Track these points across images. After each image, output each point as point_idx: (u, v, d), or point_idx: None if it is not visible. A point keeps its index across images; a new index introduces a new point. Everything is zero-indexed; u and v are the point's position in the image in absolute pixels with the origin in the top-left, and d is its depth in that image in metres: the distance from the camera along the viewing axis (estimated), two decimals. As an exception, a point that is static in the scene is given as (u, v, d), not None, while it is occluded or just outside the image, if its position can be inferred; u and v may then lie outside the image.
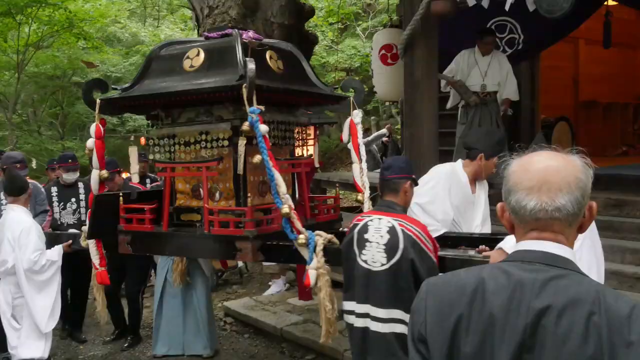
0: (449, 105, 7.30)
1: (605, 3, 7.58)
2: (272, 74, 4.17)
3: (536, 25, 6.83)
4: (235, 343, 6.45)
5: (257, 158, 3.71)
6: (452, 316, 1.48)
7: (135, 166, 4.62)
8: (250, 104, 3.66)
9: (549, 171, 1.47)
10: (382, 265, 3.30)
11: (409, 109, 6.55)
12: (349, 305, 3.51)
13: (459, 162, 4.20)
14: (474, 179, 4.13)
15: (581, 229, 1.52)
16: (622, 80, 10.92)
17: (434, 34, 6.36)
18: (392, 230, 3.30)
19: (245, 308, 7.04)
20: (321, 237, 3.72)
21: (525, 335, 1.39)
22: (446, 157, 5.82)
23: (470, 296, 1.47)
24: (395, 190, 3.51)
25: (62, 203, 6.61)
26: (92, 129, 4.36)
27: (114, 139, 20.57)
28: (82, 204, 6.63)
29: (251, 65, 3.59)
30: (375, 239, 3.34)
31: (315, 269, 3.70)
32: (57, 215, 6.54)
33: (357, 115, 4.40)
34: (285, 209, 3.66)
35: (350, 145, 4.40)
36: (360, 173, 4.37)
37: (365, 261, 3.37)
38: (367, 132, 10.94)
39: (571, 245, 1.50)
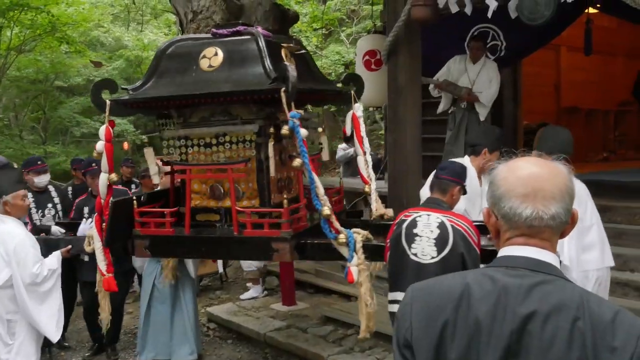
0: (439, 109, 7.34)
1: (586, 11, 7.66)
2: None
3: (518, 32, 6.89)
4: (218, 349, 6.42)
5: (297, 162, 3.79)
6: (437, 322, 1.48)
7: (154, 167, 4.52)
8: (290, 108, 3.73)
9: (541, 179, 1.48)
10: (432, 258, 3.51)
11: (392, 115, 6.58)
12: (397, 295, 3.65)
13: (466, 157, 4.65)
14: (480, 173, 4.57)
15: (563, 235, 1.54)
16: (603, 87, 11.04)
17: (417, 40, 6.40)
18: (442, 226, 3.54)
19: (228, 314, 7.01)
20: (359, 235, 3.90)
21: (511, 341, 1.40)
22: (430, 162, 5.84)
23: (456, 302, 1.48)
24: (444, 190, 3.79)
25: (40, 210, 6.35)
26: (102, 131, 4.26)
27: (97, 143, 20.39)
28: (59, 207, 6.46)
29: (293, 72, 3.69)
30: (425, 234, 3.55)
31: (357, 266, 3.84)
32: (37, 223, 6.23)
33: (358, 108, 4.46)
34: (326, 211, 3.78)
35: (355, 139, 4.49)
36: (365, 165, 4.44)
37: (415, 254, 3.56)
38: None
39: (555, 251, 1.52)
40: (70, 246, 4.86)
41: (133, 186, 8.33)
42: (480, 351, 1.43)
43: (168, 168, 4.91)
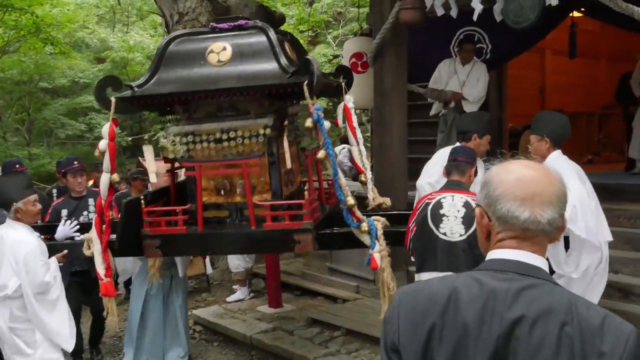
0: (432, 112, 7.41)
1: (571, 15, 7.72)
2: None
3: (503, 35, 6.93)
4: (204, 352, 6.40)
5: (321, 153, 3.86)
6: (425, 326, 1.48)
7: (152, 165, 4.43)
8: (314, 101, 3.82)
9: (540, 183, 1.48)
10: (461, 235, 3.76)
11: (378, 117, 6.60)
12: (429, 275, 3.77)
13: (458, 145, 4.80)
14: None
15: (552, 240, 1.54)
16: (587, 90, 11.14)
17: (403, 42, 6.43)
18: (467, 205, 3.79)
19: (215, 316, 6.99)
20: (379, 222, 4.05)
21: (499, 346, 1.40)
22: (416, 164, 5.85)
23: (444, 306, 1.47)
24: (463, 171, 4.08)
25: None
26: (105, 129, 4.16)
27: (82, 145, 20.30)
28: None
29: (317, 64, 3.77)
30: (453, 213, 3.80)
31: (379, 252, 3.97)
32: None
33: (349, 99, 4.49)
34: (350, 201, 3.89)
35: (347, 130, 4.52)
36: (360, 155, 4.49)
37: (444, 234, 3.80)
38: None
39: (544, 255, 1.52)
40: (66, 251, 4.70)
41: None
42: (468, 355, 1.43)
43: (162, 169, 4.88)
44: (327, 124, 3.86)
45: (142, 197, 4.38)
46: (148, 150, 4.43)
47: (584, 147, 10.99)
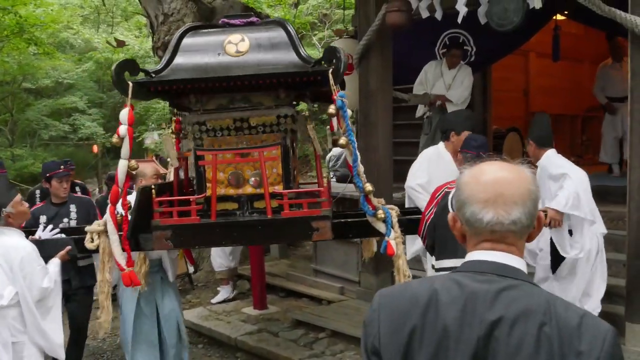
0: (418, 114, 7.43)
1: (554, 18, 7.78)
2: None
3: (488, 38, 6.97)
4: (189, 354, 6.36)
5: (343, 140, 3.88)
6: (405, 328, 1.48)
7: (174, 152, 4.37)
8: (337, 89, 3.86)
9: (503, 184, 1.48)
10: None
11: (363, 119, 6.62)
12: (450, 262, 3.80)
13: (441, 144, 5.12)
14: (455, 156, 4.90)
15: (529, 238, 1.55)
16: (570, 92, 11.21)
17: (388, 45, 6.45)
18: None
19: (199, 318, 6.97)
20: (394, 210, 4.12)
21: (479, 347, 1.41)
22: (402, 166, 5.87)
23: (424, 308, 1.48)
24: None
25: None
26: (124, 114, 3.97)
27: (66, 146, 20.18)
28: None
29: (343, 53, 3.83)
30: None
31: (394, 239, 4.03)
32: None
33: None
34: (368, 187, 3.95)
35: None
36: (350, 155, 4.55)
37: None
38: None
39: (522, 256, 1.53)
40: (69, 247, 4.42)
41: (77, 188, 8.17)
42: (448, 357, 1.43)
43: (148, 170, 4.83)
44: (349, 111, 3.93)
45: (153, 186, 4.25)
46: (168, 141, 4.38)
47: (567, 150, 11.06)
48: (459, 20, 5.69)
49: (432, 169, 5.09)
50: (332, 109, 3.87)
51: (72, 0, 18.68)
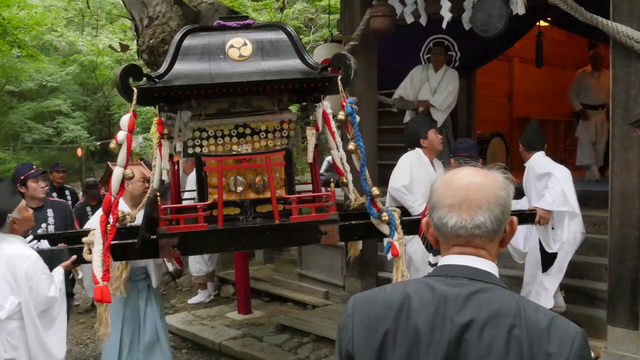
0: (405, 120, 7.45)
1: (538, 24, 7.85)
2: None
3: (472, 43, 7.02)
4: (173, 358, 6.33)
5: (351, 145, 3.98)
6: (378, 332, 1.50)
7: (166, 163, 4.29)
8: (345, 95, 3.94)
9: (470, 188, 1.50)
10: None
11: (348, 123, 6.62)
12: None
13: (417, 149, 5.41)
14: (434, 155, 5.44)
15: (502, 243, 1.57)
16: (553, 98, 11.30)
17: (373, 49, 6.48)
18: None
19: (183, 323, 6.94)
20: (396, 212, 4.18)
21: (450, 350, 1.42)
22: (386, 170, 5.89)
23: (396, 312, 1.50)
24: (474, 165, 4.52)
25: None
26: (125, 120, 3.83)
27: (49, 149, 20.04)
28: None
29: (353, 59, 3.93)
30: None
31: (398, 240, 4.09)
32: None
33: (327, 105, 4.55)
34: (375, 191, 4.03)
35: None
36: (340, 158, 4.59)
37: None
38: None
39: (493, 259, 1.54)
40: (74, 256, 4.10)
41: (67, 192, 8.11)
42: None
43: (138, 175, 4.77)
44: (358, 117, 4.00)
45: (158, 193, 4.12)
46: (165, 146, 4.29)
47: (550, 155, 11.12)
48: (444, 26, 5.73)
49: (414, 172, 5.28)
50: (341, 115, 3.95)
51: (57, 2, 18.59)
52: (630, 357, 4.80)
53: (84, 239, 4.09)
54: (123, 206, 4.82)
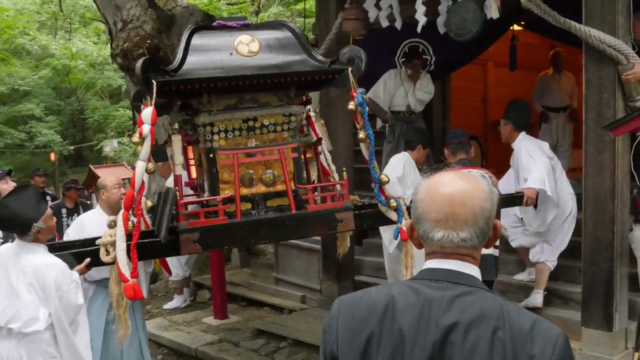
0: (378, 126, 7.46)
1: (512, 28, 7.92)
2: None
3: (447, 47, 7.05)
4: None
5: (362, 134, 4.14)
6: (363, 334, 1.51)
7: (179, 157, 4.21)
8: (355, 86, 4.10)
9: (455, 203, 1.51)
10: None
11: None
12: None
13: (404, 152, 5.84)
14: (418, 165, 5.75)
15: (487, 245, 1.59)
16: (527, 101, 11.41)
17: (348, 53, 6.46)
18: (483, 177, 4.03)
19: (159, 328, 6.88)
20: (402, 199, 4.38)
21: (434, 351, 1.43)
22: (363, 174, 5.89)
23: (381, 314, 1.50)
24: (467, 151, 5.17)
25: None
26: (147, 113, 3.75)
27: (22, 154, 19.79)
28: None
29: (364, 53, 4.22)
30: None
31: (405, 225, 4.24)
32: None
33: (310, 109, 4.63)
34: (384, 178, 4.23)
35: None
36: (325, 158, 4.68)
37: None
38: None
39: (477, 263, 1.56)
40: (88, 259, 3.93)
41: (48, 198, 8.02)
42: None
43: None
44: (367, 108, 4.16)
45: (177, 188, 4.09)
46: (176, 140, 4.22)
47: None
48: (419, 30, 5.76)
49: (405, 168, 5.67)
50: (352, 105, 4.07)
51: (29, 6, 18.37)
52: (604, 359, 4.85)
53: (99, 241, 3.86)
54: (102, 215, 4.77)
